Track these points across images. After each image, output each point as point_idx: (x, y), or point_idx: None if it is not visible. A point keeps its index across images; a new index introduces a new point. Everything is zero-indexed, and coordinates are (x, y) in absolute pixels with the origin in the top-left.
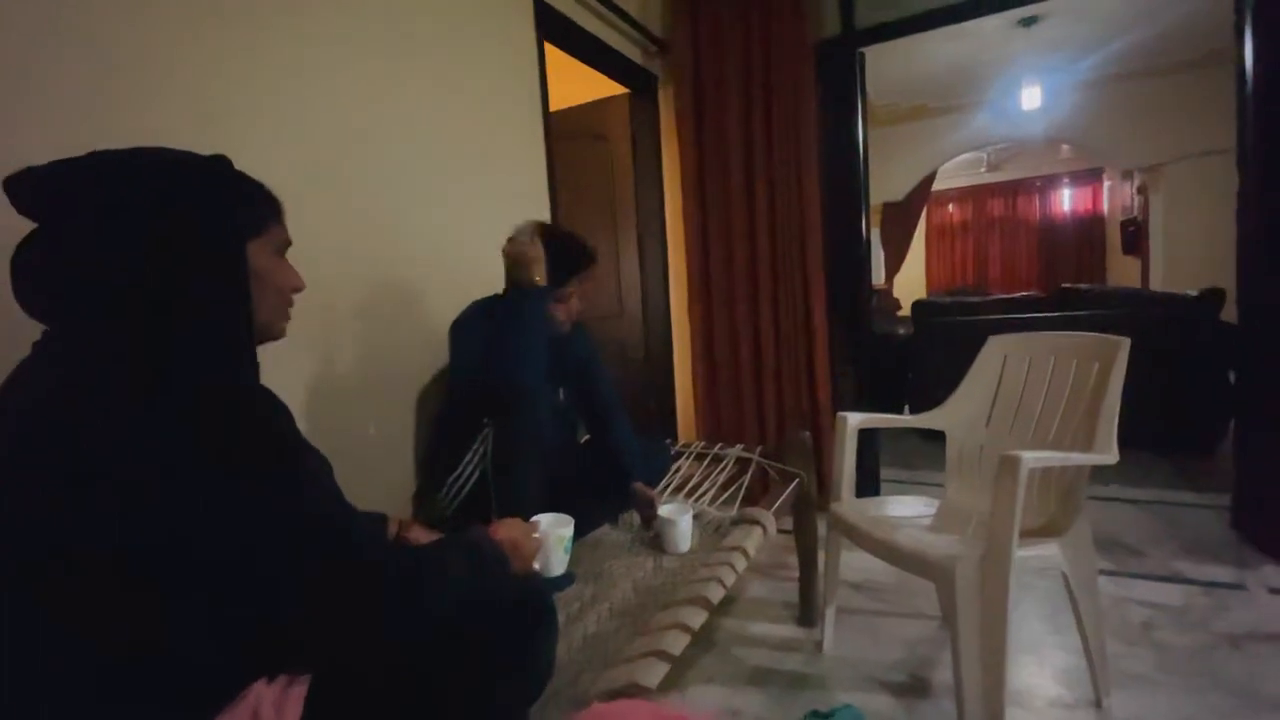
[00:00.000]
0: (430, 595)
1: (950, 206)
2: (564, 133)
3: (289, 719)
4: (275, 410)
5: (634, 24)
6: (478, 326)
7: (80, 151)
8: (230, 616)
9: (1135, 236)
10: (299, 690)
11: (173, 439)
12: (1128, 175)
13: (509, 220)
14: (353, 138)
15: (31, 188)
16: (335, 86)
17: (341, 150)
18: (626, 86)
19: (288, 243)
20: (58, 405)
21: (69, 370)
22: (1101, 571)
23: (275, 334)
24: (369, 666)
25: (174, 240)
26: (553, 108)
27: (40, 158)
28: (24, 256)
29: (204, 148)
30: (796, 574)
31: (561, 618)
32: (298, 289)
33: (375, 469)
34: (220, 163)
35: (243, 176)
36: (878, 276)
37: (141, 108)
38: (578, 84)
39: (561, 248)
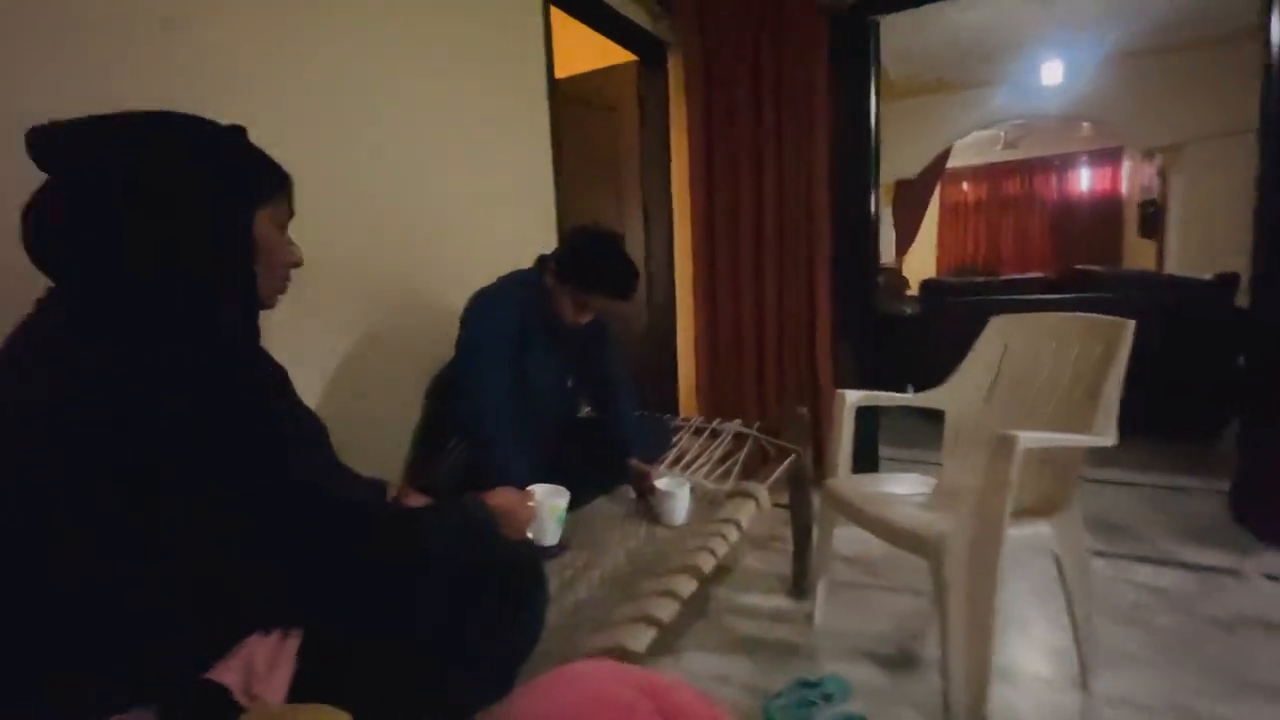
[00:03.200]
0: (421, 555)
1: (964, 185)
2: (571, 99)
3: (282, 672)
4: (270, 375)
5: None
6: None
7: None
8: (225, 573)
9: (1154, 218)
10: (292, 644)
11: (172, 398)
12: (1149, 155)
13: (511, 189)
14: (356, 102)
15: (54, 141)
16: (338, 49)
17: (343, 114)
18: (634, 54)
19: (290, 216)
20: (65, 361)
21: (77, 325)
22: (1096, 553)
23: (267, 304)
24: (361, 624)
25: (186, 201)
26: (558, 75)
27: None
28: (38, 209)
29: (208, 114)
30: (790, 547)
31: (554, 584)
32: (296, 264)
33: (370, 437)
34: (235, 132)
35: (255, 147)
36: (887, 255)
37: (141, 78)
38: (585, 51)
39: (605, 261)
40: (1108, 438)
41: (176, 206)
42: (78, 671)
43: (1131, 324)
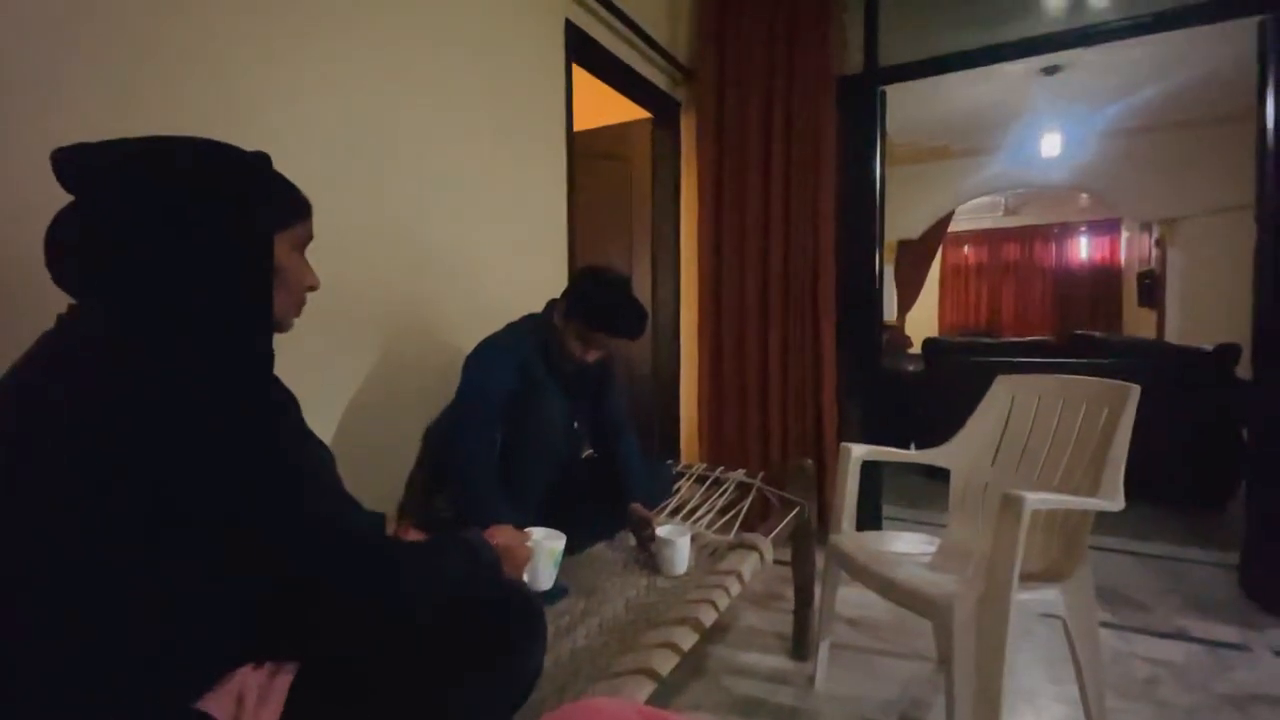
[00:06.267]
0: (423, 586)
1: (966, 248)
2: (586, 153)
3: (272, 706)
4: (282, 407)
5: (661, 51)
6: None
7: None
8: (223, 601)
9: (1152, 288)
10: (283, 681)
11: (186, 422)
12: (1146, 227)
13: (526, 235)
14: (381, 146)
15: (78, 163)
16: (365, 96)
17: (369, 158)
18: (650, 111)
19: (309, 239)
20: (82, 380)
21: (91, 345)
22: (1104, 624)
23: (283, 328)
24: (354, 660)
25: (206, 225)
26: (576, 128)
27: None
28: (60, 229)
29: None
30: (792, 606)
31: (551, 630)
32: (313, 288)
33: (372, 470)
34: (260, 158)
35: (277, 174)
36: (890, 313)
37: (173, 107)
38: (601, 106)
39: (611, 301)
40: (1115, 503)
41: (197, 229)
42: (69, 694)
43: (1137, 389)
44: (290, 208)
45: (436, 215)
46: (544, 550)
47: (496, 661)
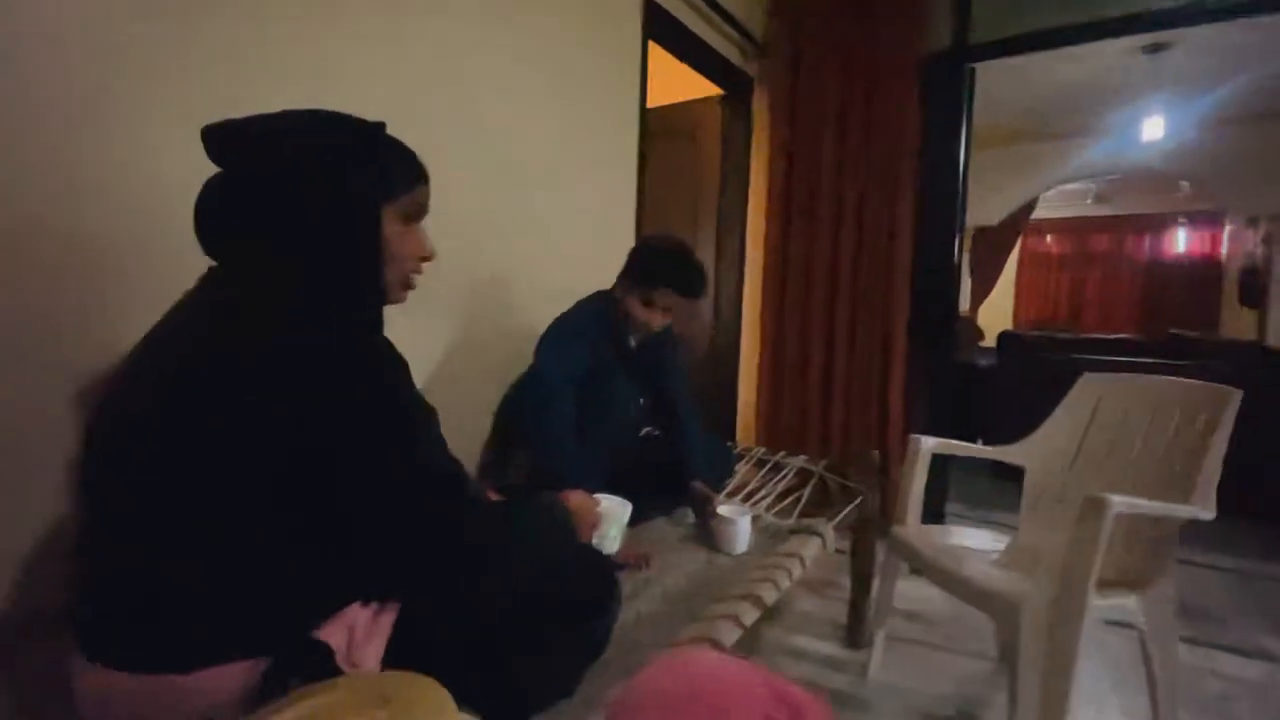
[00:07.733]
0: (512, 545)
1: (1048, 237)
2: (655, 130)
3: (377, 641)
4: (396, 363)
5: (736, 25)
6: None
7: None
8: (341, 546)
9: (1255, 287)
10: (387, 619)
11: (308, 381)
12: (1252, 221)
13: (598, 212)
14: (456, 123)
15: (220, 137)
16: (441, 75)
17: (444, 134)
18: (721, 88)
19: (423, 209)
20: (213, 336)
21: (223, 308)
22: (1180, 637)
23: (393, 299)
24: (448, 608)
25: (317, 194)
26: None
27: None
28: (205, 199)
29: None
30: (847, 594)
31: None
32: (425, 258)
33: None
34: (373, 127)
35: (392, 142)
36: (963, 303)
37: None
38: (670, 81)
39: (670, 258)
40: (1206, 511)
41: (306, 202)
42: (206, 619)
43: (1238, 393)
44: (398, 177)
45: (507, 191)
46: (612, 516)
47: (573, 620)
